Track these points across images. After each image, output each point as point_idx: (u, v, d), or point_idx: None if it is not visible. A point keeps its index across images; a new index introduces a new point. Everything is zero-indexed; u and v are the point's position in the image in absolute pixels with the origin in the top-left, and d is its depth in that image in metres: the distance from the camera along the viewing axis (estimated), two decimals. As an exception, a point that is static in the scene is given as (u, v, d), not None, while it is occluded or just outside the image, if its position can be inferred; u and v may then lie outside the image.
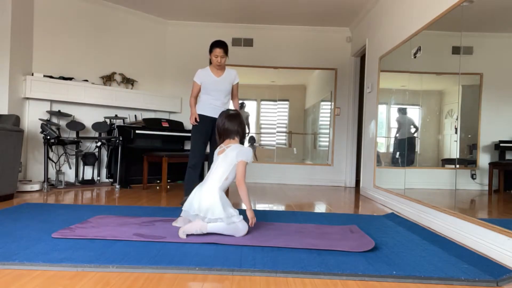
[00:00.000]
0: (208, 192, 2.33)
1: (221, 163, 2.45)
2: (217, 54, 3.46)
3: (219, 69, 3.57)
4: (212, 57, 3.50)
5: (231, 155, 2.44)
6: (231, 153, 2.45)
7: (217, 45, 3.48)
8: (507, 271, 1.82)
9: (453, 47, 2.90)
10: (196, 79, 3.58)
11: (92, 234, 2.20)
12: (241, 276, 1.71)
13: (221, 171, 2.42)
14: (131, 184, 4.95)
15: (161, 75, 6.11)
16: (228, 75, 3.62)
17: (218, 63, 3.48)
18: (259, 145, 6.38)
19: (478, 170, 2.57)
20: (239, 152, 2.43)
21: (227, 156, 2.45)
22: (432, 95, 3.33)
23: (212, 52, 3.49)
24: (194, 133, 3.54)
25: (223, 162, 2.44)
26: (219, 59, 3.47)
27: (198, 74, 3.59)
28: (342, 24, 5.98)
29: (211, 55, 3.50)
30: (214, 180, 2.39)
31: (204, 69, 3.60)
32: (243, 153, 2.43)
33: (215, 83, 3.55)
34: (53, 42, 4.88)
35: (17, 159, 3.61)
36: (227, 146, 2.51)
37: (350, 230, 2.62)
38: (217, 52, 3.46)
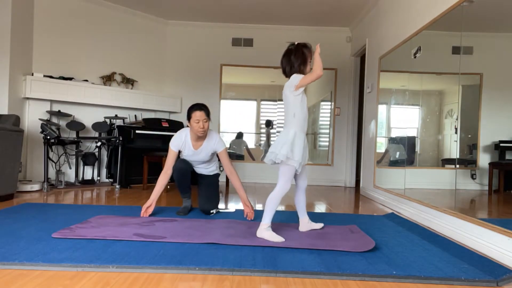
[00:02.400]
0: (282, 133, 2.36)
1: (284, 105, 2.41)
2: (198, 119, 2.87)
3: (199, 137, 2.97)
4: (193, 123, 2.88)
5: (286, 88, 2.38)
6: (285, 88, 2.39)
7: (197, 108, 2.89)
8: (507, 271, 1.82)
9: (453, 47, 2.90)
10: (172, 147, 3.01)
11: (92, 234, 2.20)
12: (241, 276, 1.71)
13: (286, 112, 2.38)
14: (131, 184, 4.95)
15: (161, 75, 6.11)
16: (207, 145, 3.03)
17: (202, 129, 2.88)
18: (259, 145, 6.38)
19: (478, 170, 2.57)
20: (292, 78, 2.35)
21: (284, 95, 2.39)
22: (432, 95, 3.33)
23: (191, 118, 2.89)
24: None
25: (285, 102, 2.40)
26: (201, 124, 2.87)
27: (175, 141, 3.01)
28: (342, 24, 5.98)
29: (191, 122, 2.90)
30: (286, 123, 2.39)
31: (182, 134, 3.03)
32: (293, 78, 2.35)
33: (193, 155, 3.06)
34: (53, 42, 4.88)
35: (17, 159, 3.61)
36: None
37: (350, 230, 2.62)
38: (197, 115, 2.87)
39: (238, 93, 6.37)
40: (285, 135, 2.32)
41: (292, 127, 2.33)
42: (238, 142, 6.30)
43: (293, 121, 2.33)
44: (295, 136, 2.30)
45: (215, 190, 3.25)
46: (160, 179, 2.98)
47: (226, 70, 6.19)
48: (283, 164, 2.31)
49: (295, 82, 2.30)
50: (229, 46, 6.18)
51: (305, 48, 2.39)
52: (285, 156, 2.25)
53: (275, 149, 2.29)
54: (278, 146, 2.30)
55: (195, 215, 3.03)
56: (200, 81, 6.17)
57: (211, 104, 6.12)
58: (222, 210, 3.30)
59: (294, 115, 2.33)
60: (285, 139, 2.30)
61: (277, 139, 2.38)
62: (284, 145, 2.27)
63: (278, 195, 2.32)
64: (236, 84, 6.36)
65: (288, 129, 2.34)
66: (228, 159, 3.09)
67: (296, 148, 2.28)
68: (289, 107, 2.36)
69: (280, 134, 2.37)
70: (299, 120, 2.34)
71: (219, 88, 6.19)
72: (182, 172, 3.05)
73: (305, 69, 2.37)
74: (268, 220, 2.29)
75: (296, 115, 2.33)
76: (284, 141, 2.29)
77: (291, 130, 2.32)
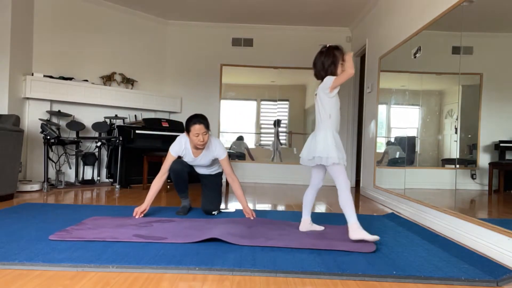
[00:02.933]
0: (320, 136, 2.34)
1: (318, 107, 2.41)
2: (198, 132, 2.80)
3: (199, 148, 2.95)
4: (192, 136, 2.83)
5: (320, 90, 2.38)
6: (320, 90, 2.39)
7: (196, 122, 2.81)
8: (507, 271, 1.82)
9: (453, 47, 2.90)
10: (172, 152, 2.97)
11: (91, 236, 2.19)
12: (241, 276, 1.71)
13: (322, 113, 2.37)
14: (131, 184, 4.95)
15: (161, 75, 6.11)
16: (207, 153, 3.00)
17: (201, 142, 2.84)
18: (259, 145, 6.38)
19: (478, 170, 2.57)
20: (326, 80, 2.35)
21: (319, 97, 2.40)
22: (432, 95, 3.33)
23: (190, 131, 2.83)
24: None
25: (319, 105, 2.39)
26: (201, 137, 2.82)
27: (175, 147, 2.97)
28: (342, 24, 5.98)
29: (190, 135, 2.84)
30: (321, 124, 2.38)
31: (182, 141, 2.99)
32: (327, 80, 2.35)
33: (194, 161, 3.06)
34: (53, 42, 4.88)
35: (17, 159, 3.61)
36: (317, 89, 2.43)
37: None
38: (196, 129, 2.80)
39: (238, 93, 6.37)
40: (324, 137, 2.32)
41: (329, 128, 2.34)
42: (238, 143, 6.31)
43: (329, 122, 2.35)
44: (335, 137, 2.33)
45: (218, 191, 3.26)
46: (155, 183, 2.94)
47: (226, 70, 6.19)
48: (334, 165, 2.32)
49: (329, 84, 2.32)
50: (229, 46, 6.18)
51: (336, 50, 2.40)
52: (337, 158, 2.27)
53: (323, 153, 2.29)
54: (327, 149, 2.29)
55: (194, 215, 3.03)
56: (200, 81, 6.17)
57: (211, 104, 6.16)
58: (223, 210, 3.31)
59: (330, 116, 2.35)
60: (328, 141, 2.30)
61: (313, 142, 2.38)
62: (330, 148, 2.28)
63: (348, 192, 2.31)
64: (236, 84, 6.36)
65: (325, 130, 2.34)
66: (230, 166, 3.05)
67: (341, 148, 2.33)
68: (324, 109, 2.37)
69: (317, 137, 2.36)
70: (334, 121, 2.37)
71: (219, 88, 6.19)
72: (177, 173, 3.04)
73: (337, 70, 2.38)
74: (354, 218, 2.24)
75: (332, 116, 2.36)
76: (327, 143, 2.30)
77: (328, 132, 2.33)
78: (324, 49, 2.43)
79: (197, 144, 2.87)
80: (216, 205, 3.14)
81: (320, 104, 2.39)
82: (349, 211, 2.27)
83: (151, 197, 2.90)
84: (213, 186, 3.23)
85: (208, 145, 2.98)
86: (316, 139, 2.36)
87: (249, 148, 6.31)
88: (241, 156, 6.20)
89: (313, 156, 2.35)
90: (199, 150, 2.99)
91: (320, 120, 2.40)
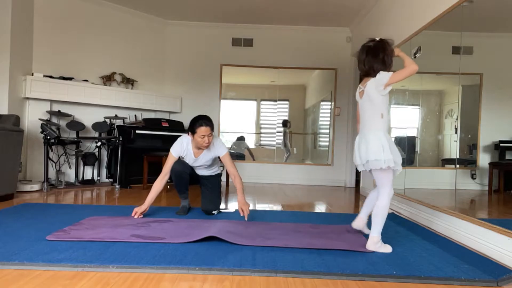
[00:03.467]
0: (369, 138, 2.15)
1: (365, 105, 2.21)
2: (204, 134, 2.82)
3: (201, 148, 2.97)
4: (197, 138, 2.83)
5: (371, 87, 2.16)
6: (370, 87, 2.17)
7: (202, 123, 2.81)
8: (507, 271, 1.82)
9: (453, 47, 2.90)
10: (173, 152, 2.98)
11: (89, 236, 2.18)
12: (241, 276, 1.71)
13: (371, 112, 2.18)
14: (131, 184, 4.95)
15: (161, 75, 6.11)
16: (208, 152, 3.02)
17: (206, 144, 2.86)
18: (259, 145, 6.39)
19: (478, 170, 2.58)
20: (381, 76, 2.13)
21: (368, 95, 2.18)
22: (432, 95, 3.33)
23: (196, 133, 2.83)
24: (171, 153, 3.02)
25: (368, 103, 2.19)
26: (207, 139, 2.84)
27: (176, 148, 2.99)
28: (342, 24, 5.97)
29: (195, 136, 2.84)
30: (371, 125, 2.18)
31: (184, 142, 2.99)
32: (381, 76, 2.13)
33: (194, 161, 3.06)
34: (53, 42, 4.88)
35: (17, 159, 3.61)
36: (364, 86, 2.21)
37: (346, 229, 2.63)
38: (202, 131, 2.81)
39: (238, 93, 6.37)
40: (377, 139, 2.13)
41: (380, 129, 2.16)
42: (239, 143, 6.31)
43: (381, 122, 2.16)
44: (388, 139, 2.15)
45: (218, 191, 3.26)
46: (156, 185, 2.93)
47: (226, 70, 6.19)
48: (383, 170, 2.13)
49: (385, 80, 2.10)
50: (229, 46, 6.18)
51: (388, 44, 2.22)
52: (392, 161, 2.09)
53: (377, 156, 2.10)
54: (379, 152, 2.10)
55: (194, 215, 3.03)
56: (200, 81, 6.17)
57: (211, 104, 6.16)
58: (223, 210, 3.31)
59: (382, 116, 2.16)
60: (381, 143, 2.11)
61: (363, 145, 2.18)
62: (384, 150, 2.10)
63: (387, 203, 2.15)
64: (236, 84, 6.36)
65: (377, 132, 2.15)
66: (231, 163, 3.04)
67: (395, 151, 2.14)
68: (375, 108, 2.17)
69: (367, 139, 2.16)
70: (386, 121, 2.18)
71: (219, 88, 6.19)
72: (179, 174, 3.04)
73: (391, 66, 2.20)
74: (379, 232, 2.14)
75: (384, 116, 2.16)
76: (382, 146, 2.11)
77: (380, 133, 2.15)
78: (372, 43, 2.23)
79: (202, 145, 2.88)
80: (216, 205, 3.15)
81: (369, 102, 2.18)
82: (378, 223, 2.14)
83: (152, 199, 2.90)
84: (213, 186, 3.23)
85: (210, 145, 3.00)
86: (366, 141, 2.16)
87: (249, 148, 6.32)
88: (241, 156, 6.20)
89: (367, 159, 2.15)
90: (200, 150, 3.00)
91: (368, 120, 2.20)
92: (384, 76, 2.11)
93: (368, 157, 2.14)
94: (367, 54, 2.21)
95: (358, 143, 2.25)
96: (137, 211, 2.82)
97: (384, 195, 2.16)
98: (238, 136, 6.33)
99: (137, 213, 2.81)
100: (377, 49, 2.20)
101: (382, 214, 2.15)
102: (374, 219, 2.17)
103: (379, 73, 2.14)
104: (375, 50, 2.20)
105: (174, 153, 2.99)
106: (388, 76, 2.10)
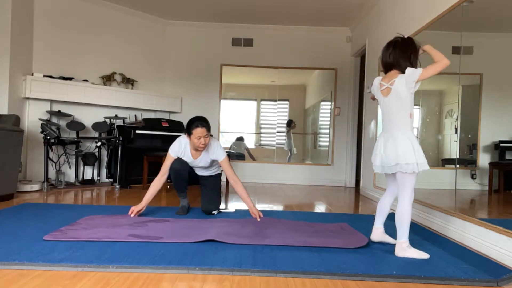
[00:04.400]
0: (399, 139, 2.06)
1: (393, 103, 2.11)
2: (200, 135, 2.81)
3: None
4: (193, 139, 2.84)
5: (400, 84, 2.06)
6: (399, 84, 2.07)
7: (198, 125, 2.81)
8: (507, 271, 1.82)
9: (453, 47, 2.90)
10: (172, 153, 2.99)
11: (86, 236, 2.18)
12: (241, 276, 1.71)
13: (399, 111, 2.09)
14: (131, 184, 4.95)
15: (161, 75, 6.11)
16: (206, 155, 3.01)
17: (203, 145, 2.87)
18: (259, 145, 6.39)
19: (478, 170, 2.57)
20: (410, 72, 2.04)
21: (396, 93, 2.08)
22: (432, 95, 3.33)
23: (192, 134, 2.83)
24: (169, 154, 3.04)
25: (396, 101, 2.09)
26: (203, 140, 2.84)
27: (175, 148, 2.99)
28: (342, 24, 5.97)
29: (191, 138, 2.85)
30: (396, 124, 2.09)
31: (182, 143, 3.00)
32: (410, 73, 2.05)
33: (192, 162, 3.06)
34: (53, 42, 4.88)
35: (17, 159, 3.61)
36: (390, 83, 2.11)
37: (342, 227, 2.64)
38: (198, 132, 2.81)
39: (238, 93, 6.37)
40: (408, 140, 2.05)
41: (410, 129, 2.08)
42: (238, 144, 6.31)
43: (409, 122, 2.08)
44: (415, 141, 2.07)
45: (217, 191, 3.26)
46: (154, 184, 2.94)
47: (226, 70, 6.19)
48: (408, 174, 2.06)
49: (416, 77, 2.02)
50: (229, 46, 6.18)
51: (416, 43, 2.17)
52: (426, 164, 2.04)
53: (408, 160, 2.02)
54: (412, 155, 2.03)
55: (193, 215, 3.03)
56: (200, 81, 6.17)
57: (211, 104, 6.16)
58: (222, 210, 3.31)
59: (410, 116, 2.07)
60: (412, 145, 2.04)
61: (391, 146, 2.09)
62: (416, 153, 2.03)
63: (410, 207, 2.08)
64: (236, 84, 6.36)
65: (407, 132, 2.08)
66: (230, 168, 3.02)
67: (421, 153, 2.06)
68: (404, 107, 2.08)
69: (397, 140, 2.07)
70: (412, 121, 2.09)
71: (219, 88, 6.19)
72: (178, 172, 3.03)
73: (416, 66, 2.12)
74: (406, 236, 2.06)
75: (412, 115, 2.07)
76: (413, 148, 2.04)
77: (410, 134, 2.08)
78: (401, 38, 2.17)
79: (198, 146, 2.89)
80: (216, 205, 3.15)
81: (398, 100, 2.09)
82: (403, 227, 2.06)
83: (149, 198, 2.91)
84: (213, 186, 3.23)
85: (208, 147, 2.99)
86: (396, 142, 2.06)
87: (249, 149, 6.32)
88: (241, 156, 6.20)
89: (396, 162, 2.05)
90: (198, 152, 3.00)
91: (396, 120, 2.10)
92: (414, 72, 2.03)
93: (398, 160, 2.05)
94: (394, 47, 2.14)
95: (383, 143, 2.14)
96: (134, 210, 2.82)
97: (405, 198, 2.08)
98: (238, 136, 6.33)
99: (133, 211, 2.81)
100: (406, 45, 2.13)
101: (406, 219, 2.06)
102: (398, 224, 2.08)
103: (407, 69, 2.06)
104: (404, 45, 2.13)
105: (172, 154, 3.00)
106: (419, 72, 2.03)
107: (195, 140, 2.85)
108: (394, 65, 2.14)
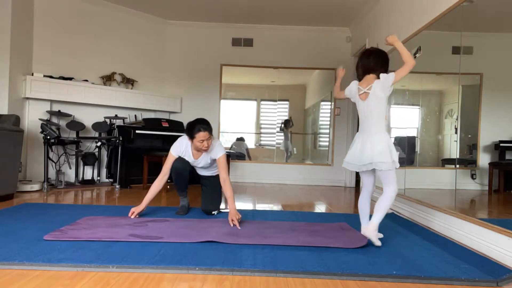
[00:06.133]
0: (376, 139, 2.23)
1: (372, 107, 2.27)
2: (202, 139, 2.82)
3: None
4: (196, 142, 2.85)
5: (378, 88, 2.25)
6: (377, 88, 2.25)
7: (200, 128, 2.81)
8: (507, 271, 1.82)
9: (453, 47, 2.90)
10: (173, 152, 3.00)
11: (86, 236, 2.18)
12: (241, 276, 1.71)
13: (377, 114, 2.26)
14: (131, 184, 4.95)
15: (161, 75, 6.11)
16: (207, 154, 3.02)
17: (206, 148, 2.88)
18: (259, 145, 6.39)
19: (478, 170, 2.58)
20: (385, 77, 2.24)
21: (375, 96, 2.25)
22: (432, 95, 3.33)
23: (194, 138, 2.84)
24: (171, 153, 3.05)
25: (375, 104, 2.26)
26: (206, 143, 2.84)
27: (176, 148, 3.01)
28: (342, 24, 5.97)
29: (194, 141, 2.86)
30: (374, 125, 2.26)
31: (183, 143, 3.01)
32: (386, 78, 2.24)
33: (193, 162, 3.08)
34: (53, 42, 4.88)
35: (17, 159, 3.61)
36: (368, 88, 2.29)
37: (341, 227, 2.64)
38: (201, 136, 2.81)
39: (238, 93, 6.37)
40: (385, 141, 2.22)
41: (385, 130, 2.28)
42: (239, 144, 6.31)
43: (384, 123, 2.27)
44: (390, 141, 2.25)
45: (218, 191, 3.25)
46: (154, 185, 2.93)
47: (226, 70, 6.19)
48: (388, 170, 2.23)
49: (390, 81, 2.23)
50: (229, 46, 6.18)
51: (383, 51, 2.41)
52: (392, 163, 2.20)
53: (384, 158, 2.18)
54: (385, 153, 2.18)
55: (193, 215, 3.03)
56: (200, 81, 6.17)
57: (211, 104, 6.16)
58: (223, 210, 3.31)
59: (385, 117, 2.27)
60: (387, 145, 2.21)
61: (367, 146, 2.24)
62: (392, 152, 2.20)
63: (391, 201, 2.26)
64: (236, 84, 6.36)
65: (384, 133, 2.26)
66: (224, 166, 2.96)
67: (395, 152, 2.24)
68: (379, 109, 2.26)
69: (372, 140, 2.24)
70: (387, 122, 2.30)
71: (219, 88, 6.19)
72: (179, 171, 3.03)
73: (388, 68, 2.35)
74: (378, 221, 2.23)
75: (387, 117, 2.27)
76: (389, 147, 2.21)
77: (387, 135, 2.26)
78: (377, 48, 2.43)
79: (201, 149, 2.90)
80: (216, 205, 3.15)
81: (377, 103, 2.26)
82: (379, 213, 2.24)
83: (149, 199, 2.90)
84: (213, 186, 3.23)
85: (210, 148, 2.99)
86: (371, 142, 2.24)
87: (248, 149, 6.33)
88: (241, 156, 6.20)
89: (370, 161, 2.22)
90: (200, 152, 3.01)
91: (374, 122, 2.27)
92: (389, 77, 2.24)
93: (373, 158, 2.21)
94: (375, 55, 2.36)
95: (361, 144, 2.30)
96: (134, 211, 2.82)
97: (391, 190, 2.26)
98: (238, 137, 6.34)
99: (134, 213, 2.81)
100: (385, 56, 2.36)
101: (386, 205, 2.25)
102: (378, 207, 2.25)
103: (381, 75, 2.26)
104: (383, 55, 2.36)
105: (174, 153, 3.01)
106: (393, 76, 2.23)
107: (198, 143, 2.85)
108: (373, 70, 2.33)
